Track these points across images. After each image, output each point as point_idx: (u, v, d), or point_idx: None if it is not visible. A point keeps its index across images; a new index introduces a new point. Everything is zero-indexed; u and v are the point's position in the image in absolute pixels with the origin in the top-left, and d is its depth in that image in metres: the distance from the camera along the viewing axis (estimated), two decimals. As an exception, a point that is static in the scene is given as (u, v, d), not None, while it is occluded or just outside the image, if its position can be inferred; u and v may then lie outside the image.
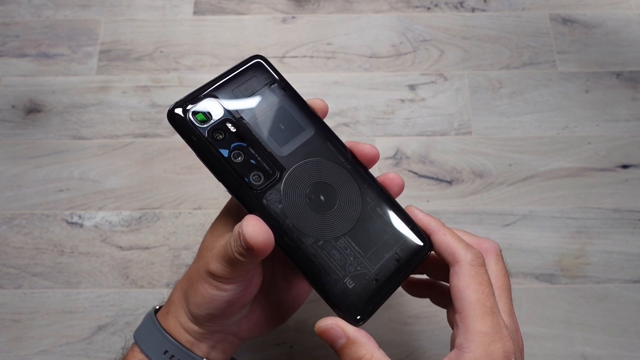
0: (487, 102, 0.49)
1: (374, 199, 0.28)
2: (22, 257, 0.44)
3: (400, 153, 0.48)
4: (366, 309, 0.27)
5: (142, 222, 0.45)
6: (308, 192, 0.27)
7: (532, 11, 0.53)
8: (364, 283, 0.27)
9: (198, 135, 0.26)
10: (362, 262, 0.27)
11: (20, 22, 0.53)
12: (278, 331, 0.42)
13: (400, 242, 0.28)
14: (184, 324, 0.30)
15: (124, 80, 0.50)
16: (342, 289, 0.26)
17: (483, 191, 0.46)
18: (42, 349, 0.41)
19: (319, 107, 0.30)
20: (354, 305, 0.27)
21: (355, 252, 0.27)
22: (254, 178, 0.27)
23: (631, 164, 0.47)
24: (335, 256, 0.27)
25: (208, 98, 0.27)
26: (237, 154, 0.27)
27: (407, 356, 0.41)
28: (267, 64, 0.29)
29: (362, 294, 0.27)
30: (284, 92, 0.29)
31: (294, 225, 0.27)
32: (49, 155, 0.47)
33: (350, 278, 0.27)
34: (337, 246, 0.27)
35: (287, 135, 0.28)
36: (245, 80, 0.28)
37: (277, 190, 0.27)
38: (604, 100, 0.49)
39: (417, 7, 0.54)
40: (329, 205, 0.27)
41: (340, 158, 0.29)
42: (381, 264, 0.27)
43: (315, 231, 0.27)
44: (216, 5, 0.53)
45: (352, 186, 0.28)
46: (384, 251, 0.28)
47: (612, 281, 0.43)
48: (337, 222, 0.27)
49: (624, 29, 0.53)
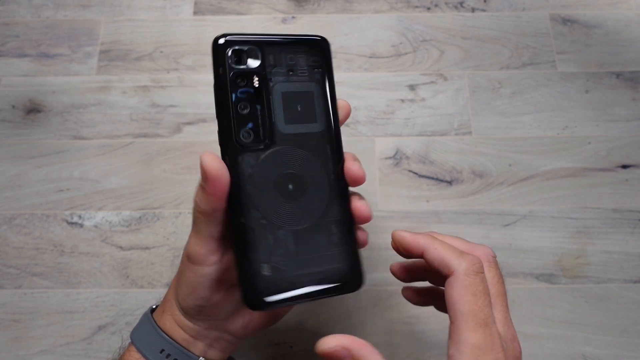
0: (487, 102, 0.50)
1: (336, 217, 0.28)
2: (22, 257, 0.44)
3: (400, 153, 0.48)
4: (264, 301, 0.26)
5: (142, 222, 0.45)
6: (281, 175, 0.27)
7: (532, 11, 0.53)
8: (278, 279, 0.26)
9: (224, 71, 0.27)
10: (288, 261, 0.27)
11: (20, 22, 0.53)
12: (278, 331, 0.42)
13: (333, 266, 0.27)
14: (179, 320, 0.30)
15: (124, 80, 0.50)
16: (256, 271, 0.26)
17: (483, 191, 0.46)
18: (42, 349, 0.41)
19: (341, 106, 0.30)
20: (257, 291, 0.26)
21: (288, 249, 0.27)
22: (244, 134, 0.27)
23: (631, 164, 0.47)
24: (268, 241, 0.26)
25: (255, 46, 0.28)
26: (245, 105, 0.27)
27: (407, 356, 0.41)
28: (326, 49, 0.29)
29: (271, 287, 0.26)
30: (323, 81, 0.29)
31: (250, 194, 0.26)
32: (49, 155, 0.47)
33: (270, 267, 0.26)
34: (276, 234, 0.27)
35: (298, 117, 0.28)
36: (298, 51, 0.28)
37: (256, 157, 0.27)
38: (604, 100, 0.50)
39: (417, 7, 0.54)
40: (292, 197, 0.27)
41: (329, 165, 0.28)
42: (304, 274, 0.27)
43: (266, 211, 0.27)
44: (216, 5, 0.53)
45: (322, 194, 0.28)
46: (314, 265, 0.27)
47: (612, 281, 0.43)
48: (290, 215, 0.27)
49: (624, 29, 0.53)
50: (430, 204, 0.46)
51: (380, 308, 0.43)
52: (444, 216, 0.45)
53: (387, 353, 0.41)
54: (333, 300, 0.43)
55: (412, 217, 0.45)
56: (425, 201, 0.46)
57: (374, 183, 0.46)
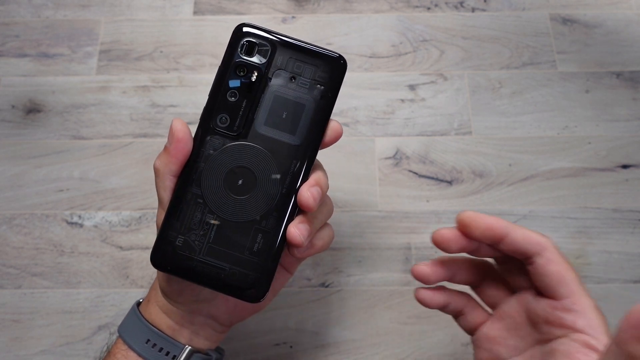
0: (487, 102, 0.49)
1: (266, 229, 0.28)
2: (22, 257, 0.44)
3: (400, 153, 0.48)
4: (166, 263, 0.28)
5: (142, 222, 0.45)
6: (237, 167, 0.28)
7: (532, 11, 0.53)
8: (185, 254, 0.28)
9: (231, 57, 0.28)
10: (202, 243, 0.28)
11: (20, 22, 0.53)
12: (278, 331, 0.42)
13: (239, 269, 0.28)
14: (164, 307, 0.31)
15: (123, 80, 0.50)
16: (172, 237, 0.28)
17: (483, 191, 0.46)
18: (42, 349, 0.41)
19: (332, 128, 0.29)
20: (165, 252, 0.28)
21: (208, 233, 0.28)
22: (222, 118, 0.28)
23: (631, 164, 0.47)
24: (195, 218, 0.28)
25: (269, 44, 0.29)
26: (233, 93, 0.28)
27: (407, 356, 0.41)
28: (340, 69, 0.29)
29: (176, 255, 0.28)
30: (320, 99, 0.29)
31: (201, 172, 0.28)
32: (49, 155, 0.47)
33: (184, 240, 0.28)
34: (204, 215, 0.28)
35: (279, 123, 0.29)
36: (308, 63, 0.29)
37: (222, 142, 0.28)
38: (604, 100, 0.49)
39: (417, 7, 0.54)
40: (236, 191, 0.28)
41: (287, 178, 0.28)
42: (210, 261, 0.28)
43: (207, 192, 0.28)
44: (216, 5, 0.53)
45: (266, 202, 0.28)
46: (223, 258, 0.28)
47: (612, 281, 0.43)
48: (226, 206, 0.28)
49: (624, 29, 0.53)
50: (430, 204, 0.46)
51: (380, 308, 0.43)
52: (444, 216, 0.45)
53: (387, 353, 0.41)
54: (333, 300, 0.43)
55: (412, 217, 0.45)
56: (425, 201, 0.46)
57: (374, 183, 0.46)
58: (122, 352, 0.30)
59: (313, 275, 0.43)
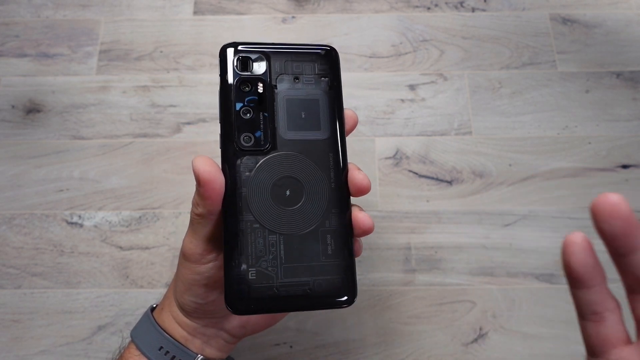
0: (487, 102, 0.49)
1: (333, 227, 0.27)
2: (22, 257, 0.44)
3: (400, 153, 0.48)
4: (247, 304, 0.26)
5: (142, 222, 0.45)
6: (279, 180, 0.27)
7: (532, 11, 0.53)
8: (264, 285, 0.26)
9: (229, 77, 0.28)
10: (276, 267, 0.26)
11: (20, 22, 0.53)
12: (278, 331, 0.42)
13: (323, 277, 0.27)
14: (177, 317, 0.31)
15: (123, 80, 0.50)
16: (242, 274, 0.26)
17: (483, 191, 0.46)
18: (42, 349, 0.41)
19: (347, 116, 0.30)
20: (241, 293, 0.26)
21: (278, 254, 0.26)
22: (245, 138, 0.27)
23: (631, 164, 0.47)
24: (258, 245, 0.26)
25: (261, 54, 0.28)
26: (247, 110, 0.28)
27: (407, 356, 0.41)
28: (335, 59, 0.29)
29: (255, 291, 0.26)
30: (329, 90, 0.29)
31: (246, 197, 0.27)
32: (49, 155, 0.47)
33: (256, 271, 0.26)
34: (267, 238, 0.26)
35: (301, 124, 0.28)
36: (305, 60, 0.29)
37: (255, 161, 0.27)
38: (604, 100, 0.49)
39: (417, 7, 0.54)
40: (288, 203, 0.27)
41: (331, 173, 0.28)
42: (291, 281, 0.26)
43: (259, 215, 0.27)
44: (216, 5, 0.53)
45: (321, 202, 0.28)
46: (303, 274, 0.26)
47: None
48: (284, 220, 0.27)
49: (624, 29, 0.53)
50: (430, 204, 0.46)
51: (380, 308, 0.43)
52: (444, 216, 0.45)
53: (387, 353, 0.41)
54: (333, 300, 0.43)
55: (412, 217, 0.45)
56: (425, 201, 0.46)
57: (374, 183, 0.46)
58: (134, 358, 0.30)
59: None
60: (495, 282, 0.43)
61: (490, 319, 0.42)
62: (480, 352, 0.41)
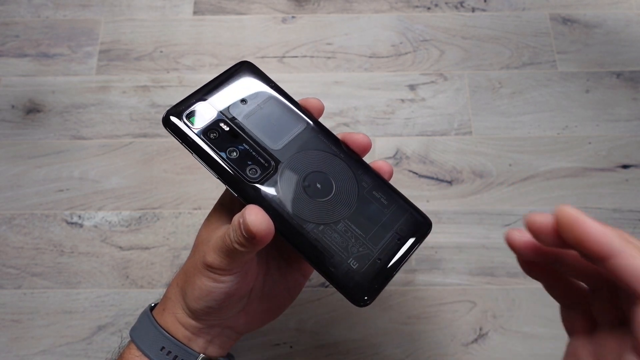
0: (487, 102, 0.49)
1: (370, 184, 0.29)
2: (22, 257, 0.44)
3: (400, 153, 0.48)
4: (372, 288, 0.27)
5: (142, 222, 0.45)
6: (304, 181, 0.29)
7: (532, 11, 0.53)
8: (368, 263, 0.27)
9: (193, 136, 0.28)
10: (364, 244, 0.28)
11: (20, 22, 0.53)
12: (278, 331, 0.42)
13: (400, 221, 0.29)
14: (181, 319, 0.30)
15: (123, 80, 0.50)
16: (346, 270, 0.27)
17: (483, 191, 0.46)
18: (42, 349, 0.41)
19: (314, 106, 0.31)
20: (360, 285, 0.27)
21: (356, 234, 0.28)
22: (250, 172, 0.28)
23: (631, 164, 0.47)
24: (336, 239, 0.28)
25: (200, 102, 0.29)
26: (232, 150, 0.28)
27: (407, 356, 0.41)
28: (254, 67, 0.31)
29: (367, 274, 0.27)
30: (273, 92, 0.31)
31: (294, 213, 0.28)
32: (49, 155, 0.47)
33: (354, 259, 0.27)
34: (337, 230, 0.28)
35: (279, 130, 0.29)
36: (235, 84, 0.30)
37: (274, 182, 0.28)
38: (604, 100, 0.49)
39: (417, 7, 0.54)
40: (325, 192, 0.29)
41: (333, 148, 0.30)
42: (383, 244, 0.28)
43: (315, 217, 0.28)
44: (216, 5, 0.53)
45: (346, 173, 0.29)
46: (384, 231, 0.28)
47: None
48: (335, 208, 0.28)
49: (624, 29, 0.53)
50: (431, 204, 0.46)
51: (380, 308, 0.43)
52: (444, 216, 0.45)
53: (387, 353, 0.41)
54: (333, 300, 0.43)
55: (412, 217, 0.45)
56: (425, 201, 0.46)
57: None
58: (135, 358, 0.30)
59: (313, 275, 0.43)
60: (495, 282, 0.43)
61: (490, 319, 0.42)
62: (480, 352, 0.41)
